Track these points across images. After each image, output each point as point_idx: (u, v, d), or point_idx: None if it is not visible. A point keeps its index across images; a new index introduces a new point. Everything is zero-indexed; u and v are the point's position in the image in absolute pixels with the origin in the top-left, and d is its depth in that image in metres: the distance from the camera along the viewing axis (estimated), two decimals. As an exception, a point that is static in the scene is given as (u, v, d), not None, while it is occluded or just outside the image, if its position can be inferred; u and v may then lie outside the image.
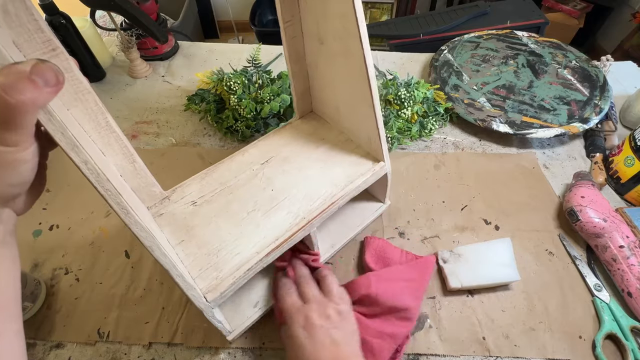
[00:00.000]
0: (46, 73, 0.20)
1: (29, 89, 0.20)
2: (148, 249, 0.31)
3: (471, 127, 0.70)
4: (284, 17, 0.42)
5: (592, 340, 0.45)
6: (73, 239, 0.54)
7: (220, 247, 0.39)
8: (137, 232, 0.30)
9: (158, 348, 0.45)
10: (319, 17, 0.40)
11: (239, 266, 0.38)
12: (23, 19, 0.23)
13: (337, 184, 0.45)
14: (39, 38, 0.24)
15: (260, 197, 0.44)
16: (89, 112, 0.31)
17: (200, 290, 0.36)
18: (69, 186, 0.60)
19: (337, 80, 0.45)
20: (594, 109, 0.68)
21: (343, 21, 0.36)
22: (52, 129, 0.24)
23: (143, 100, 0.75)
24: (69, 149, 0.25)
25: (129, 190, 0.38)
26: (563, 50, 0.82)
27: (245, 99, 0.62)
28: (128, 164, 0.37)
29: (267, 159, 0.48)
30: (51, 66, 0.21)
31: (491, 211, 0.58)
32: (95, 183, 0.27)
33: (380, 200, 0.55)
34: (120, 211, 0.29)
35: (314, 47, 0.45)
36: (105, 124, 0.33)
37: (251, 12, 1.89)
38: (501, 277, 0.48)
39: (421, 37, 1.03)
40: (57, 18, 0.66)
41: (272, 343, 0.45)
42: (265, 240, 0.40)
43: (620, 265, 0.48)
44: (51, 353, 0.44)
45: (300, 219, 0.41)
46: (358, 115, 0.45)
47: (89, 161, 0.27)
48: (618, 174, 0.60)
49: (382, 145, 0.44)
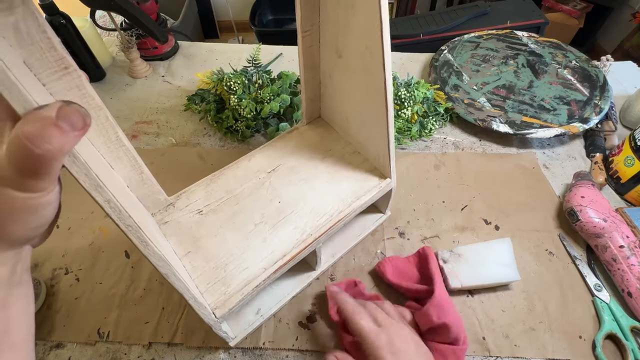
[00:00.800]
0: (72, 117, 0.19)
1: (56, 137, 0.18)
2: (164, 276, 0.31)
3: (471, 127, 0.70)
4: (303, 27, 0.42)
5: (592, 340, 0.45)
6: (73, 239, 0.54)
7: (228, 261, 0.39)
8: (155, 262, 0.30)
9: (158, 348, 0.45)
10: (339, 30, 0.40)
11: (247, 282, 0.38)
12: (35, 37, 0.22)
13: (344, 199, 0.45)
14: (52, 57, 0.24)
15: (267, 210, 0.44)
16: (100, 127, 0.31)
17: (209, 306, 0.36)
18: (69, 186, 0.60)
19: (350, 93, 0.45)
20: (594, 109, 0.68)
21: (366, 41, 0.36)
22: (77, 170, 0.23)
23: (143, 100, 0.75)
24: (92, 189, 0.25)
25: (135, 200, 0.37)
26: (563, 50, 0.82)
27: (245, 99, 0.62)
28: (136, 175, 0.36)
29: (274, 168, 0.48)
30: (78, 109, 0.19)
31: (491, 211, 0.58)
32: (117, 221, 0.27)
33: (381, 210, 0.55)
34: (140, 244, 0.29)
35: (331, 58, 0.44)
36: (116, 139, 0.32)
37: (251, 12, 1.89)
38: (501, 277, 0.48)
39: (421, 37, 1.03)
40: (57, 18, 0.66)
41: (272, 343, 0.45)
42: (273, 256, 0.40)
43: (620, 265, 0.48)
44: (51, 353, 0.44)
45: (307, 235, 0.41)
46: (369, 132, 0.45)
47: (111, 200, 0.26)
48: (618, 174, 0.60)
49: (390, 163, 0.44)
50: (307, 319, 0.47)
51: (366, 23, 0.34)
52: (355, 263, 0.52)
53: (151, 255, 0.29)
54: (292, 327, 0.46)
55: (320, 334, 0.46)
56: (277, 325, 0.46)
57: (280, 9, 2.01)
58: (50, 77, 0.24)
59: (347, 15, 0.37)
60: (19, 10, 0.21)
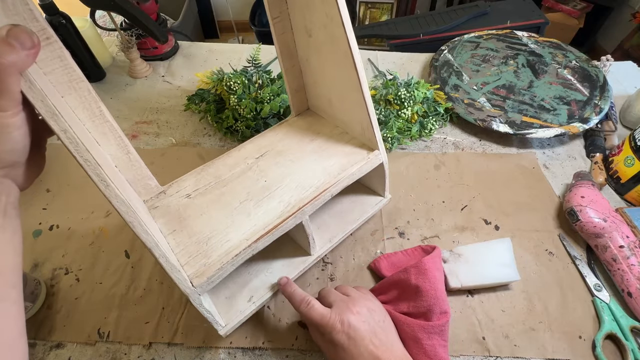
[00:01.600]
0: (21, 35, 0.21)
1: (8, 52, 0.21)
2: (129, 225, 0.31)
3: (471, 127, 0.70)
4: (272, 14, 0.42)
5: (592, 340, 0.45)
6: (73, 239, 0.54)
7: (211, 235, 0.39)
8: (118, 206, 0.30)
9: (158, 348, 0.45)
10: (304, 8, 0.41)
11: (227, 252, 0.38)
12: (19, 8, 0.25)
13: (331, 172, 0.45)
14: (34, 27, 0.26)
15: (253, 188, 0.44)
16: (83, 100, 0.32)
17: (186, 275, 0.35)
18: (68, 186, 0.60)
19: (327, 72, 0.45)
20: (594, 109, 0.68)
21: (325, 7, 0.37)
22: (33, 96, 0.25)
23: (143, 100, 0.75)
24: (49, 116, 0.26)
25: (124, 182, 0.38)
26: (563, 50, 0.82)
27: (245, 99, 0.62)
28: (123, 155, 0.37)
29: (262, 153, 0.48)
30: (24, 29, 0.22)
31: (491, 211, 0.58)
32: (74, 152, 0.28)
33: (380, 194, 0.54)
34: (100, 183, 0.30)
35: (304, 40, 0.45)
36: (99, 113, 0.33)
37: (251, 12, 1.89)
38: (501, 277, 0.48)
39: (421, 37, 1.03)
40: (57, 18, 0.66)
41: (272, 343, 0.45)
42: (255, 228, 0.40)
43: (620, 265, 0.48)
44: (51, 353, 0.44)
45: (291, 207, 0.41)
46: (349, 104, 0.45)
47: (67, 130, 0.27)
48: (618, 174, 0.60)
49: (375, 134, 0.44)
50: (307, 319, 0.47)
51: None
52: (355, 263, 0.52)
53: (112, 197, 0.30)
54: (292, 327, 0.46)
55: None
56: (277, 325, 0.46)
57: (280, 9, 2.01)
58: None
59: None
60: None
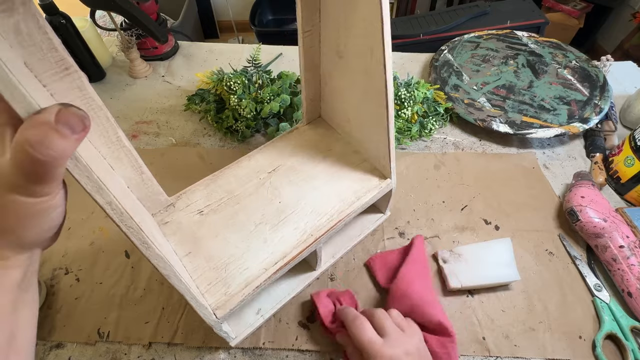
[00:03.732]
0: (71, 120, 0.19)
1: (57, 142, 0.18)
2: (165, 277, 0.31)
3: (471, 127, 0.70)
4: (304, 27, 0.42)
5: (592, 340, 0.45)
6: (73, 239, 0.54)
7: (229, 261, 0.39)
8: (156, 263, 0.30)
9: (158, 348, 0.45)
10: (340, 31, 0.40)
11: (248, 283, 0.38)
12: (36, 38, 0.22)
13: (344, 199, 0.45)
14: (52, 58, 0.24)
15: (267, 210, 0.44)
16: (100, 128, 0.31)
17: (209, 306, 0.36)
18: (69, 186, 0.60)
19: (351, 94, 0.45)
20: (594, 109, 0.68)
21: (367, 40, 0.36)
22: (79, 173, 0.24)
23: (143, 100, 0.75)
24: (94, 191, 0.25)
25: (134, 199, 0.37)
26: (563, 50, 0.82)
27: (245, 99, 0.62)
28: (136, 176, 0.36)
29: (274, 168, 0.48)
30: (76, 112, 0.19)
31: (491, 211, 0.58)
32: (119, 222, 0.27)
33: (381, 211, 0.55)
34: (141, 246, 0.29)
35: (331, 59, 0.44)
36: (116, 139, 0.32)
37: (251, 12, 1.89)
38: (501, 277, 0.48)
39: (421, 37, 1.03)
40: (57, 18, 0.66)
41: (272, 343, 0.45)
42: (273, 257, 0.40)
43: (620, 265, 0.48)
44: (51, 353, 0.44)
45: (307, 236, 0.41)
46: (369, 132, 0.45)
47: (112, 202, 0.26)
48: (618, 174, 0.60)
49: (390, 164, 0.44)
50: (307, 319, 0.47)
51: (367, 23, 0.34)
52: (355, 263, 0.52)
53: (152, 257, 0.29)
54: (292, 327, 0.46)
55: (320, 334, 0.46)
56: (277, 325, 0.46)
57: (280, 9, 2.01)
58: (51, 78, 0.24)
59: (347, 15, 0.37)
60: (20, 11, 0.21)
